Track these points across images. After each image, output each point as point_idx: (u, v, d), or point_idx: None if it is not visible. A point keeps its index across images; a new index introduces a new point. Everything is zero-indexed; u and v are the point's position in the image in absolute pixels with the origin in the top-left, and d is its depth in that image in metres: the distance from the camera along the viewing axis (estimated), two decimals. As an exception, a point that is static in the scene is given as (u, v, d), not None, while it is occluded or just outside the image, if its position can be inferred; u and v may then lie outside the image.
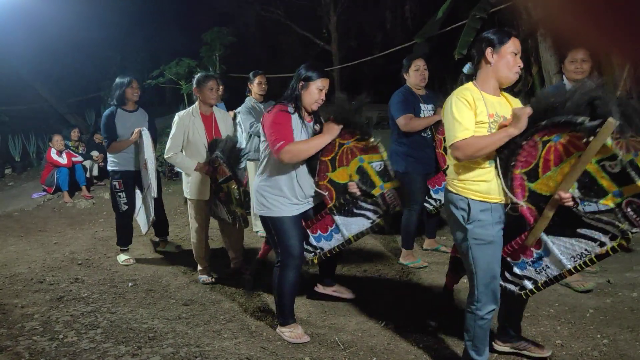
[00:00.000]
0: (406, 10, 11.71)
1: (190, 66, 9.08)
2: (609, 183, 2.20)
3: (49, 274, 4.48)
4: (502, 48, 2.41)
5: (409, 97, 4.20)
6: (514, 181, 2.37)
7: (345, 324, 3.32)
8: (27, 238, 5.91)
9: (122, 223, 4.84)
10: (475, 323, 2.50)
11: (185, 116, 4.03)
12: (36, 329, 3.32)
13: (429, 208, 4.46)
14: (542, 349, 2.76)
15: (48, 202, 7.60)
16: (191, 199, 4.11)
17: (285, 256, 3.06)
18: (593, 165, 2.19)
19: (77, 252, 5.19)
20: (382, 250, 4.83)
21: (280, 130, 2.89)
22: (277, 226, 3.05)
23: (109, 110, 4.70)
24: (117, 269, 4.63)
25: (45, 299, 3.86)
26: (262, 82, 5.26)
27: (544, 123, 2.24)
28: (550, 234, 2.42)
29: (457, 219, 2.48)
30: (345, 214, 3.09)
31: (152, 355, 2.91)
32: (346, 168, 2.98)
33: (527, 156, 2.33)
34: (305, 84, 2.98)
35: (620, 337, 2.91)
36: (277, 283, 3.11)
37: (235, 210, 3.92)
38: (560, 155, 2.27)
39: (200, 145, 4.01)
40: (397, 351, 2.93)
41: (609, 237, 2.28)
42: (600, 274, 3.85)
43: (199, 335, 3.19)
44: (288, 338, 3.10)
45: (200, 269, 4.25)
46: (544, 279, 2.53)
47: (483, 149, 2.34)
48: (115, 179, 4.72)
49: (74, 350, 2.99)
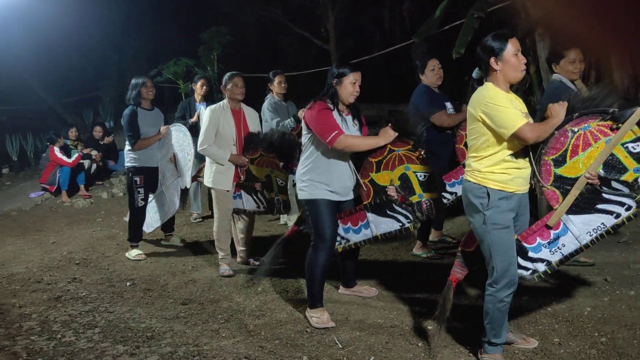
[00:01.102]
0: (404, 10, 11.71)
1: (188, 65, 9.09)
2: (630, 161, 2.52)
3: (46, 274, 4.48)
4: (504, 54, 2.58)
5: (434, 95, 4.35)
6: (542, 166, 2.64)
7: (344, 323, 3.32)
8: (24, 237, 5.90)
9: (136, 219, 4.93)
10: (495, 306, 2.64)
11: (217, 109, 4.23)
12: (34, 328, 3.32)
13: (445, 202, 4.50)
14: (528, 341, 2.88)
15: (46, 201, 7.59)
16: (214, 188, 4.26)
17: (317, 238, 3.26)
18: (618, 147, 2.51)
19: (75, 252, 5.19)
20: (381, 249, 4.83)
21: (329, 122, 3.14)
22: (312, 208, 3.26)
23: (130, 109, 4.84)
24: (115, 268, 4.62)
25: (43, 299, 3.86)
26: (282, 81, 5.38)
27: (576, 115, 2.56)
28: (571, 213, 2.67)
29: (476, 207, 2.65)
30: (378, 213, 3.28)
31: (150, 354, 2.90)
32: (390, 172, 3.19)
33: (556, 143, 2.62)
34: (339, 80, 3.21)
35: (618, 336, 2.91)
36: (308, 264, 3.30)
37: (276, 198, 4.29)
38: (589, 141, 2.56)
39: (229, 138, 4.20)
40: (396, 350, 2.93)
41: (624, 208, 2.57)
42: (597, 272, 3.86)
43: (197, 335, 3.18)
44: (315, 323, 3.24)
45: (221, 257, 4.32)
46: (558, 258, 2.73)
47: (542, 135, 2.59)
48: (136, 174, 4.84)
49: (72, 349, 2.99)
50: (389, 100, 11.22)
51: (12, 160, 9.76)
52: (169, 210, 5.06)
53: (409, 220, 3.26)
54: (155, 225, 5.20)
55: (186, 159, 4.84)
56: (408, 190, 3.20)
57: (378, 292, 3.77)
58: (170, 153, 4.95)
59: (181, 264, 4.66)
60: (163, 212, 5.10)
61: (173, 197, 4.95)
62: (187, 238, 5.57)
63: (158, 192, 5.06)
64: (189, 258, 4.84)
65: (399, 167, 3.21)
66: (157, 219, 5.16)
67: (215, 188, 4.25)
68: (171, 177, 4.97)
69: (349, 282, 3.80)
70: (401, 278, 4.12)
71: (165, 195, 5.03)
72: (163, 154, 4.98)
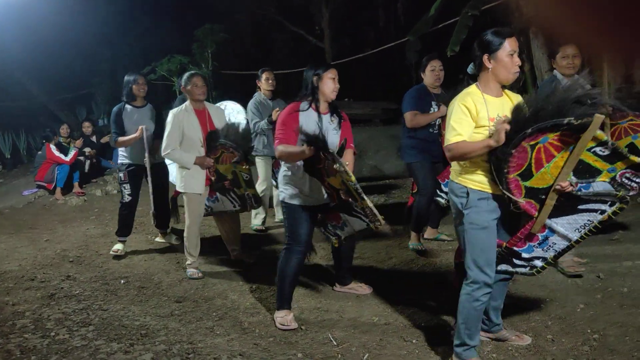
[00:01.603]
0: (399, 8, 11.73)
1: (182, 63, 9.06)
2: (602, 164, 2.42)
3: (40, 272, 4.46)
4: (498, 52, 2.51)
5: (422, 94, 4.41)
6: (510, 184, 2.50)
7: (338, 320, 3.33)
8: (17, 235, 5.87)
9: (122, 213, 4.91)
10: (470, 305, 2.62)
11: (179, 113, 4.14)
12: (27, 326, 3.30)
13: (441, 202, 4.52)
14: (522, 338, 2.91)
15: (39, 199, 7.55)
16: (185, 192, 4.19)
17: (292, 241, 3.28)
18: (585, 153, 2.39)
19: (69, 250, 5.16)
20: (375, 247, 4.84)
21: (284, 129, 3.15)
22: (289, 211, 3.29)
23: (117, 107, 4.86)
24: (109, 266, 4.61)
25: (37, 297, 3.84)
26: (270, 77, 5.37)
27: (529, 131, 2.36)
28: (553, 217, 2.61)
29: (456, 206, 2.66)
30: (347, 213, 3.25)
31: (144, 352, 2.90)
32: (335, 178, 3.04)
33: (517, 161, 2.46)
34: (319, 77, 3.21)
35: (609, 333, 2.94)
36: (280, 266, 3.31)
37: (246, 193, 4.20)
38: (551, 153, 2.43)
39: (196, 140, 4.13)
40: (390, 347, 2.94)
41: (608, 204, 2.50)
42: (590, 269, 3.88)
43: (191, 332, 3.18)
44: (278, 323, 3.25)
45: (189, 262, 4.28)
46: (553, 254, 2.73)
47: (468, 154, 2.51)
48: (121, 170, 4.86)
49: (66, 347, 2.98)
50: (383, 98, 11.26)
51: (4, 157, 9.71)
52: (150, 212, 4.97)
53: (369, 219, 3.14)
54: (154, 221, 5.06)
55: (148, 165, 4.73)
56: (353, 198, 3.03)
57: (372, 289, 3.79)
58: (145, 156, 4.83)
59: (175, 262, 4.65)
60: None
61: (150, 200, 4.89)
62: (181, 235, 5.54)
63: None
64: (183, 256, 4.83)
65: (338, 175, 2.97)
66: None
67: (187, 192, 4.18)
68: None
69: (344, 279, 3.82)
70: (395, 276, 4.13)
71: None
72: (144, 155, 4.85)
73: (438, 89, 4.42)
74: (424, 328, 3.15)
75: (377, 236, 5.10)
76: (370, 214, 3.03)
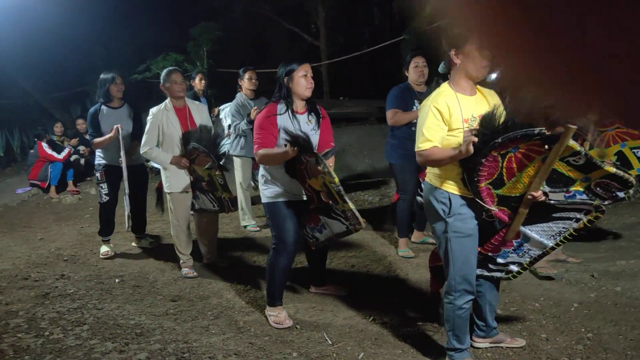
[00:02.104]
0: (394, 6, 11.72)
1: (177, 61, 9.03)
2: (576, 174, 2.38)
3: (34, 270, 4.43)
4: (467, 46, 2.35)
5: (405, 93, 4.32)
6: (482, 193, 2.45)
7: (333, 320, 3.33)
8: (11, 234, 5.84)
9: (101, 213, 4.87)
10: (454, 313, 2.58)
11: (158, 112, 4.11)
12: (21, 326, 3.28)
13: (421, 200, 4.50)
14: (516, 340, 2.88)
15: (33, 197, 7.51)
16: (171, 192, 4.17)
17: (279, 241, 3.23)
18: (558, 162, 2.32)
19: (63, 248, 5.14)
20: (370, 246, 4.84)
21: (262, 133, 3.09)
22: (272, 211, 3.23)
23: (93, 108, 4.75)
24: (104, 265, 4.59)
25: (31, 296, 3.82)
26: (253, 77, 5.27)
27: (499, 141, 2.28)
28: (527, 224, 2.56)
29: (437, 212, 2.54)
30: (326, 216, 3.18)
31: (139, 351, 2.89)
32: (316, 180, 3.00)
33: (488, 170, 2.41)
34: (289, 78, 3.12)
35: (604, 331, 2.95)
36: (269, 267, 3.27)
37: (222, 196, 4.07)
38: (522, 162, 2.37)
39: (176, 138, 4.09)
40: (385, 346, 2.94)
41: (583, 213, 2.45)
42: (584, 268, 3.90)
43: (186, 331, 3.17)
44: (272, 322, 3.24)
45: (182, 261, 4.26)
46: (528, 260, 2.69)
47: (438, 162, 2.46)
48: (98, 170, 4.79)
49: (60, 347, 2.97)
50: (378, 97, 11.25)
51: (-3, 155, 9.66)
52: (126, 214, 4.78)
53: (349, 222, 3.06)
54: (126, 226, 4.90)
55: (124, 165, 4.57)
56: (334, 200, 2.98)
57: (348, 290, 3.74)
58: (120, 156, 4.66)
59: (170, 261, 4.63)
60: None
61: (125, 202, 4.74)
62: (155, 239, 5.50)
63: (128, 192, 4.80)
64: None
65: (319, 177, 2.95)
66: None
67: (172, 192, 4.15)
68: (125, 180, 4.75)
69: (319, 281, 3.79)
70: (390, 275, 4.13)
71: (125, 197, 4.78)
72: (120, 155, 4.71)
73: (423, 86, 4.33)
74: (419, 327, 3.15)
75: (371, 234, 5.11)
76: (352, 216, 2.96)
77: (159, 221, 5.77)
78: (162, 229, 5.72)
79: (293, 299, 3.65)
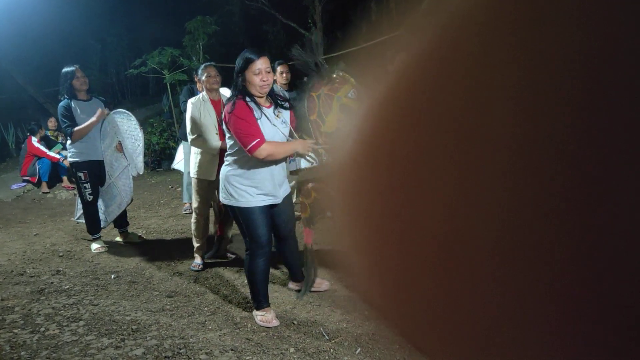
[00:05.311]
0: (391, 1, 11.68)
1: (173, 55, 8.98)
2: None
3: (29, 266, 4.42)
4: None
5: None
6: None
7: (330, 315, 3.33)
8: (6, 230, 5.81)
9: (88, 212, 4.83)
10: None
11: (196, 101, 4.18)
12: (17, 321, 3.27)
13: None
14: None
15: (28, 193, 7.48)
16: (198, 178, 4.21)
17: (254, 245, 3.12)
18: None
19: (58, 244, 5.12)
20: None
21: (249, 128, 2.85)
22: (245, 216, 3.06)
23: (64, 102, 4.60)
24: (99, 260, 4.58)
25: (26, 292, 3.80)
26: (284, 71, 5.31)
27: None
28: None
29: None
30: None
31: (135, 347, 2.88)
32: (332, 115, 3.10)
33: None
34: (242, 76, 2.92)
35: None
36: (248, 271, 3.18)
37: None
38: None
39: (211, 128, 4.11)
40: (382, 341, 2.94)
41: None
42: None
43: (183, 327, 3.17)
44: (259, 322, 3.21)
45: (196, 247, 4.29)
46: None
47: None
48: (80, 170, 4.68)
49: (56, 343, 2.96)
50: (375, 92, 11.24)
51: (-8, 150, 9.61)
52: (122, 202, 4.86)
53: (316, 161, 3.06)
54: (109, 219, 4.99)
55: (135, 145, 4.66)
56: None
57: (329, 285, 3.72)
58: (115, 141, 4.77)
59: (166, 257, 4.62)
60: (115, 204, 4.91)
61: (125, 187, 4.80)
62: (172, 230, 5.53)
63: (107, 185, 4.90)
64: (175, 250, 4.81)
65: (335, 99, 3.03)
66: (110, 212, 4.97)
67: (200, 178, 4.21)
68: (120, 166, 4.81)
69: (297, 276, 3.72)
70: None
71: (115, 186, 4.86)
72: (107, 144, 4.79)
73: None
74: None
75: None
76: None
77: (154, 217, 5.76)
78: (158, 225, 5.71)
79: (290, 294, 3.65)
